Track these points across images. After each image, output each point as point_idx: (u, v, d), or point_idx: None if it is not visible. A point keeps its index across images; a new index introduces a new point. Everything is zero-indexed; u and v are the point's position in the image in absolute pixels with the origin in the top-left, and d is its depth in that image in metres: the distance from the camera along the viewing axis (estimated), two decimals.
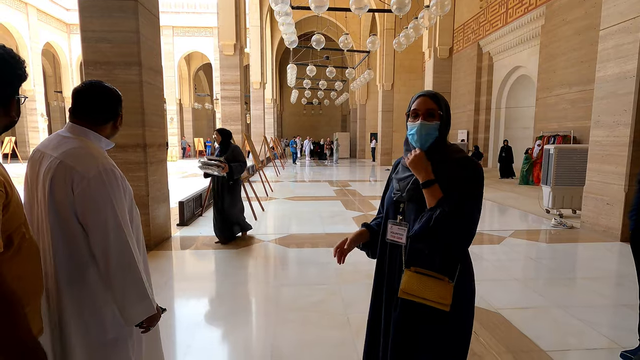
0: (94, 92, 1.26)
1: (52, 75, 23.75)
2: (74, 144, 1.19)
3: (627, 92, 4.51)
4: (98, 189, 1.13)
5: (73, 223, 1.16)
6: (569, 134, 9.51)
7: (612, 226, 4.70)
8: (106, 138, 1.30)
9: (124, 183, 1.25)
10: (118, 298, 1.17)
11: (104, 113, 1.27)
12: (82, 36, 3.69)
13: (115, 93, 1.30)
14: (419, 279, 1.19)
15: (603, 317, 2.71)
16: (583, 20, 9.09)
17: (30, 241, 0.99)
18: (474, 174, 1.18)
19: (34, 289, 0.99)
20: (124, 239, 1.16)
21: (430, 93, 1.24)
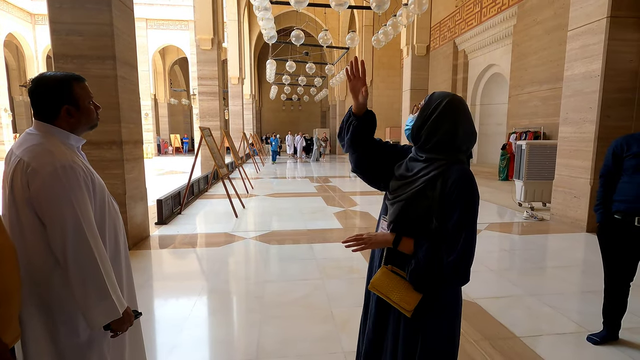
0: (33, 86, 1.21)
1: (16, 68, 22.48)
2: (34, 141, 1.16)
3: (592, 90, 4.75)
4: (54, 185, 1.10)
5: (33, 221, 1.13)
6: (539, 130, 9.92)
7: (579, 218, 4.97)
8: (71, 132, 1.24)
9: (89, 179, 1.21)
10: (79, 300, 1.14)
11: (46, 104, 1.20)
12: (52, 28, 3.53)
13: (53, 80, 1.20)
14: (391, 278, 1.21)
15: (571, 304, 2.87)
16: (552, 21, 9.48)
17: (4, 244, 0.95)
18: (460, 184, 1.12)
19: (8, 290, 0.96)
20: (84, 238, 1.12)
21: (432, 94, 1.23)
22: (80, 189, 1.15)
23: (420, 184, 1.17)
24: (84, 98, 1.25)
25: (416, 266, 1.14)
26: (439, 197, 1.12)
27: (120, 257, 1.35)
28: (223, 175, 6.44)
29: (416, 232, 1.18)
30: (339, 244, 4.45)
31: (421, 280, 1.15)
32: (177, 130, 28.64)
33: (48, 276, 1.16)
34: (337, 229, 5.13)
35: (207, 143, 6.42)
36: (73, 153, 1.22)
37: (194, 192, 7.49)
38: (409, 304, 1.16)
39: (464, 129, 1.17)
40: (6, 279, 0.95)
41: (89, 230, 1.15)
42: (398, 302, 1.17)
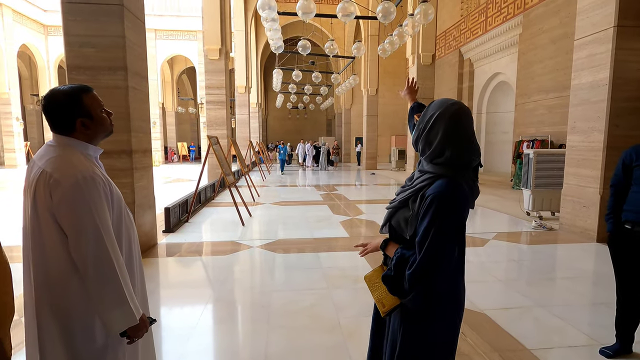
0: (44, 103, 1.24)
1: (29, 77, 23.00)
2: (56, 153, 1.21)
3: (600, 99, 4.73)
4: (76, 196, 1.14)
5: (54, 230, 1.16)
6: (546, 139, 9.86)
7: (588, 227, 4.91)
8: (89, 143, 1.28)
9: (108, 190, 1.24)
10: (97, 305, 1.17)
11: (61, 119, 1.23)
12: (65, 40, 3.62)
13: (62, 95, 1.23)
14: (380, 275, 1.27)
15: (582, 315, 2.82)
16: (558, 30, 9.49)
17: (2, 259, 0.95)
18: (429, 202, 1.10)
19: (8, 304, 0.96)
20: (103, 246, 1.16)
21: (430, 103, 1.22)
22: (100, 199, 1.19)
23: (408, 194, 1.19)
24: (95, 108, 1.28)
25: (387, 272, 1.20)
26: (417, 209, 1.14)
27: (134, 265, 1.38)
28: (230, 183, 6.48)
29: (400, 240, 1.24)
30: (345, 253, 4.44)
31: (391, 287, 1.17)
32: (184, 139, 28.95)
33: (66, 283, 1.19)
34: (343, 238, 5.12)
35: (215, 151, 6.48)
36: (92, 164, 1.26)
37: (201, 200, 7.54)
38: (384, 306, 1.22)
39: (458, 142, 1.12)
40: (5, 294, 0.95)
41: (108, 239, 1.18)
42: (376, 300, 1.25)
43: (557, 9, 9.50)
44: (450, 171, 1.12)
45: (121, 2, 3.64)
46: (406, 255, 1.15)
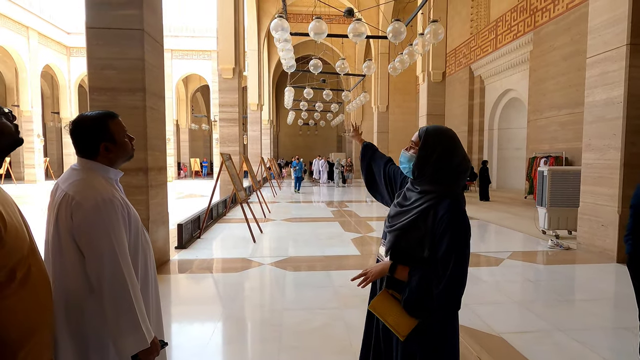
0: (72, 127, 1.31)
1: (50, 96, 23.93)
2: (79, 176, 1.26)
3: (615, 117, 4.68)
4: (95, 218, 1.18)
5: (74, 252, 1.20)
6: (560, 155, 9.72)
7: (607, 247, 4.77)
8: (110, 166, 1.32)
9: (126, 212, 1.28)
10: (112, 328, 1.19)
11: (86, 143, 1.29)
12: (89, 63, 3.79)
13: (90, 120, 1.29)
14: (390, 301, 1.27)
15: (603, 340, 2.72)
16: (569, 47, 9.48)
17: (39, 272, 0.99)
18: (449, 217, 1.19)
19: (42, 320, 0.99)
20: (119, 269, 1.18)
21: (422, 130, 1.32)
22: (117, 222, 1.22)
23: (414, 214, 1.24)
24: (119, 133, 1.33)
25: (409, 294, 1.21)
26: (431, 228, 1.20)
27: (149, 286, 1.40)
28: (242, 199, 6.54)
29: (410, 261, 1.25)
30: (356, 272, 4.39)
31: (414, 308, 1.21)
32: (197, 155, 29.46)
33: (83, 304, 1.22)
34: (354, 256, 5.08)
35: (227, 168, 6.58)
36: (112, 187, 1.30)
37: (212, 217, 7.61)
38: (403, 329, 1.22)
39: (455, 164, 1.25)
40: (41, 309, 0.99)
41: (124, 262, 1.21)
42: (393, 325, 1.23)
43: (568, 27, 9.53)
44: (452, 187, 1.24)
45: (142, 27, 3.81)
46: (427, 274, 1.19)
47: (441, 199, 1.21)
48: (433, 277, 1.17)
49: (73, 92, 21.60)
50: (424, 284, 1.18)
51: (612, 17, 4.67)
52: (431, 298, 1.17)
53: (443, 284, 1.14)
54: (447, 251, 1.16)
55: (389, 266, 1.28)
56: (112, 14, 3.74)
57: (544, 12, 10.49)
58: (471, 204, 10.62)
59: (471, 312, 3.11)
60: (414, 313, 1.21)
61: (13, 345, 0.85)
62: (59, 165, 23.87)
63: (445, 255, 1.16)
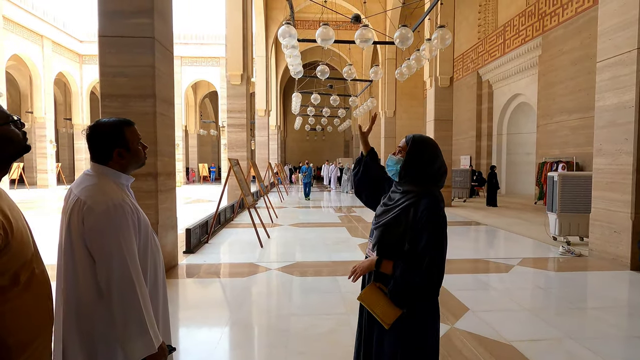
0: (89, 132, 1.34)
1: (63, 103, 24.43)
2: (91, 181, 1.28)
3: (626, 121, 4.61)
4: (105, 223, 1.20)
5: (85, 256, 1.22)
6: (571, 160, 9.59)
7: (621, 254, 4.67)
8: (122, 172, 1.35)
9: (136, 217, 1.30)
10: (120, 332, 1.20)
11: (101, 148, 1.32)
12: (101, 71, 3.88)
13: (106, 126, 1.32)
14: (376, 293, 1.39)
15: (617, 349, 2.66)
16: (579, 51, 9.40)
17: (42, 275, 1.00)
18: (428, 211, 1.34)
19: (44, 324, 1.00)
20: (127, 273, 1.19)
21: (408, 138, 1.48)
22: (127, 226, 1.24)
23: (397, 211, 1.39)
24: (133, 140, 1.36)
25: (395, 286, 1.34)
26: (411, 223, 1.34)
27: (158, 291, 1.41)
28: (249, 205, 6.58)
29: (394, 255, 1.38)
30: None
31: (399, 298, 1.34)
32: (205, 160, 29.73)
33: (93, 309, 1.24)
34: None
35: (235, 173, 6.63)
36: (123, 192, 1.33)
37: (220, 221, 7.65)
38: (388, 318, 1.35)
39: (436, 167, 1.42)
40: (43, 311, 1.00)
41: (133, 267, 1.22)
42: (380, 315, 1.35)
43: (578, 31, 9.46)
44: (431, 188, 1.41)
45: (153, 35, 3.89)
46: (409, 266, 1.32)
47: (421, 198, 1.37)
48: (414, 268, 1.30)
49: (85, 99, 22.04)
50: (407, 275, 1.31)
51: (623, 21, 4.63)
52: (413, 287, 1.31)
53: (424, 273, 1.28)
54: (427, 244, 1.30)
55: (375, 261, 1.40)
56: (125, 23, 3.83)
57: (553, 17, 10.43)
58: (479, 209, 10.51)
59: (480, 320, 3.07)
60: (399, 302, 1.34)
61: (15, 349, 0.86)
62: (70, 170, 24.28)
63: (425, 247, 1.30)
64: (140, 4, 3.83)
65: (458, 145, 15.71)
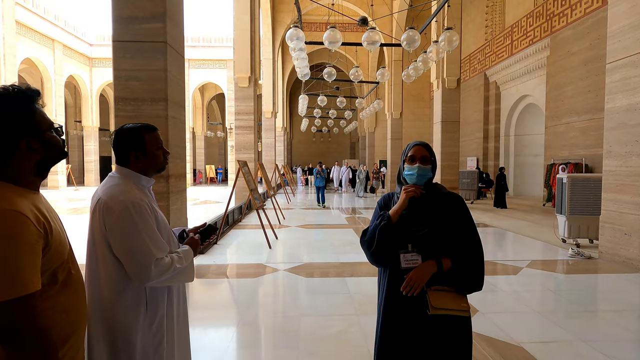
0: (114, 136, 1.43)
1: (73, 105, 24.80)
2: (112, 182, 1.36)
3: (637, 123, 4.58)
4: (125, 220, 1.26)
5: (106, 254, 1.29)
6: (580, 162, 9.51)
7: (631, 257, 4.63)
8: (143, 174, 1.40)
9: (153, 216, 1.35)
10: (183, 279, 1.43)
11: (121, 151, 1.40)
12: (115, 74, 3.95)
13: (126, 131, 1.41)
14: (441, 295, 1.40)
15: (629, 353, 2.65)
16: (588, 52, 9.33)
17: (77, 275, 1.06)
18: (460, 205, 1.51)
19: (80, 319, 1.06)
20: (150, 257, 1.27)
21: (423, 143, 1.55)
22: (148, 221, 1.31)
23: (436, 213, 1.47)
24: (151, 145, 1.42)
25: (467, 278, 1.43)
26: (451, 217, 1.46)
27: (179, 289, 1.50)
28: (257, 206, 6.63)
29: (444, 251, 1.43)
30: (371, 278, 4.39)
31: (471, 285, 1.44)
32: (212, 161, 29.93)
33: (113, 305, 1.30)
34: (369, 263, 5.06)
35: (244, 175, 6.69)
36: (142, 193, 1.38)
37: (228, 223, 7.72)
38: (465, 307, 1.39)
39: None
40: (79, 309, 1.05)
41: (157, 251, 1.30)
42: (459, 308, 1.38)
43: (586, 31, 9.38)
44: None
45: (165, 40, 3.96)
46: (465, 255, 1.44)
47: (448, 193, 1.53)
48: (472, 253, 1.44)
49: (95, 101, 22.35)
50: (468, 263, 1.43)
51: (633, 22, 4.60)
52: (481, 266, 1.44)
53: (480, 251, 1.45)
54: (470, 228, 1.47)
55: (434, 264, 1.42)
56: (138, 28, 3.90)
57: (561, 17, 10.37)
58: (487, 211, 10.45)
59: (489, 321, 3.08)
60: (471, 288, 1.44)
61: (55, 345, 0.91)
62: (80, 172, 24.61)
63: (471, 232, 1.47)
64: (153, 9, 3.91)
65: (465, 147, 15.64)
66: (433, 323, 1.40)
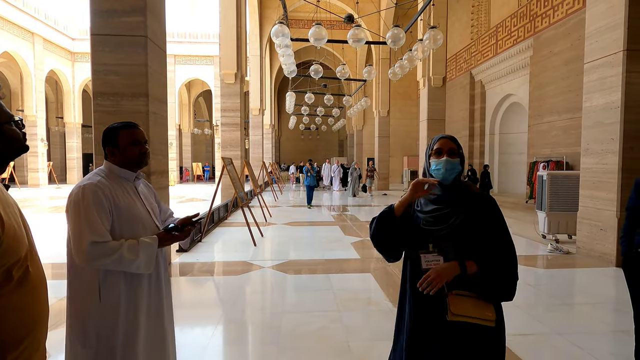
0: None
1: (54, 101, 24.14)
2: (91, 174, 1.47)
3: (613, 121, 4.71)
4: (73, 203, 1.36)
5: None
6: (561, 160, 9.74)
7: (607, 252, 4.77)
8: (122, 167, 1.50)
9: (117, 203, 1.42)
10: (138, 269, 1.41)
11: (103, 149, 1.53)
12: (93, 69, 3.86)
13: (109, 127, 1.52)
14: (463, 300, 1.28)
15: (602, 344, 2.73)
16: (569, 52, 9.54)
17: (36, 274, 1.00)
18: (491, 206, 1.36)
19: (37, 319, 1.00)
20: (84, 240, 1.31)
21: (450, 136, 1.43)
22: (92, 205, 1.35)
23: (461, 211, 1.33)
24: (124, 140, 1.50)
25: (491, 283, 1.29)
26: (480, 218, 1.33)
27: (161, 280, 1.55)
28: (243, 203, 6.59)
29: (468, 254, 1.31)
30: (356, 275, 4.42)
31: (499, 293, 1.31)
32: (199, 159, 29.57)
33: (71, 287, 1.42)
34: (355, 259, 5.10)
35: (229, 172, 6.63)
36: (113, 182, 1.46)
37: (214, 220, 7.65)
38: (490, 316, 1.26)
39: None
40: (35, 309, 1.00)
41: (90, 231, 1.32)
42: (481, 317, 1.25)
43: (568, 32, 9.60)
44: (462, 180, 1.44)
45: (145, 34, 3.89)
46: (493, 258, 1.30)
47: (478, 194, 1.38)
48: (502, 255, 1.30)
49: (77, 97, 21.80)
50: (497, 266, 1.30)
51: (609, 23, 4.72)
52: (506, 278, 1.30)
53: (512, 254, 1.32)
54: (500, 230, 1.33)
55: (457, 266, 1.29)
56: (117, 21, 3.82)
57: (544, 18, 10.57)
58: None
59: None
60: (499, 297, 1.31)
61: (8, 344, 0.87)
62: (62, 169, 24.01)
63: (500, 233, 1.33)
64: (133, 3, 3.83)
65: None
66: (454, 330, 1.29)
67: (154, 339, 1.50)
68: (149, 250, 1.41)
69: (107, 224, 1.38)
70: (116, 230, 1.41)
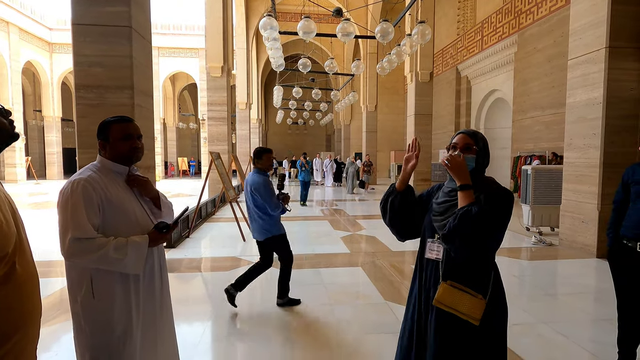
0: None
1: (32, 94, 23.29)
2: (84, 168, 1.46)
3: (595, 117, 4.84)
4: (62, 197, 1.36)
5: None
6: (544, 154, 9.97)
7: (588, 243, 4.93)
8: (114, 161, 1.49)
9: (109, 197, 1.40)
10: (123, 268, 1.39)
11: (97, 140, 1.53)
12: (75, 60, 3.72)
13: (103, 122, 1.51)
14: (453, 292, 1.31)
15: (585, 332, 2.83)
16: (553, 49, 9.73)
17: (26, 271, 0.97)
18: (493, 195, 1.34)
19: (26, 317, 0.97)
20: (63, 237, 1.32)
21: (469, 131, 1.45)
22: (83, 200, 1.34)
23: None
24: (115, 134, 1.48)
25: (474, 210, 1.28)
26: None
27: (154, 277, 1.54)
28: (231, 198, 6.52)
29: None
30: (345, 269, 4.44)
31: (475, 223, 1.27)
32: (184, 154, 29.10)
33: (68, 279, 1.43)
34: (344, 254, 5.12)
35: (217, 166, 6.54)
36: (105, 177, 1.44)
37: (201, 216, 7.55)
38: (475, 314, 1.28)
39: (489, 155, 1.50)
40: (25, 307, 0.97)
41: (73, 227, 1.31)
42: (467, 313, 1.28)
43: (551, 29, 9.77)
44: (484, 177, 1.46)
45: (130, 24, 3.76)
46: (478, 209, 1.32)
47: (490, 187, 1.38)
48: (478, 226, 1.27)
49: (56, 89, 21.05)
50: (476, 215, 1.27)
51: (593, 21, 4.83)
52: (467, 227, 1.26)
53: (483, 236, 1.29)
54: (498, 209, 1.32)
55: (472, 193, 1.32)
56: (100, 11, 3.68)
57: (528, 15, 10.73)
58: None
59: None
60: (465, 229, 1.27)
61: None
62: (41, 164, 23.25)
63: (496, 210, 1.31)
64: None
65: (437, 140, 16.01)
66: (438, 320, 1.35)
67: (151, 339, 1.49)
68: (138, 249, 1.38)
69: (96, 220, 1.35)
70: (108, 225, 1.39)
